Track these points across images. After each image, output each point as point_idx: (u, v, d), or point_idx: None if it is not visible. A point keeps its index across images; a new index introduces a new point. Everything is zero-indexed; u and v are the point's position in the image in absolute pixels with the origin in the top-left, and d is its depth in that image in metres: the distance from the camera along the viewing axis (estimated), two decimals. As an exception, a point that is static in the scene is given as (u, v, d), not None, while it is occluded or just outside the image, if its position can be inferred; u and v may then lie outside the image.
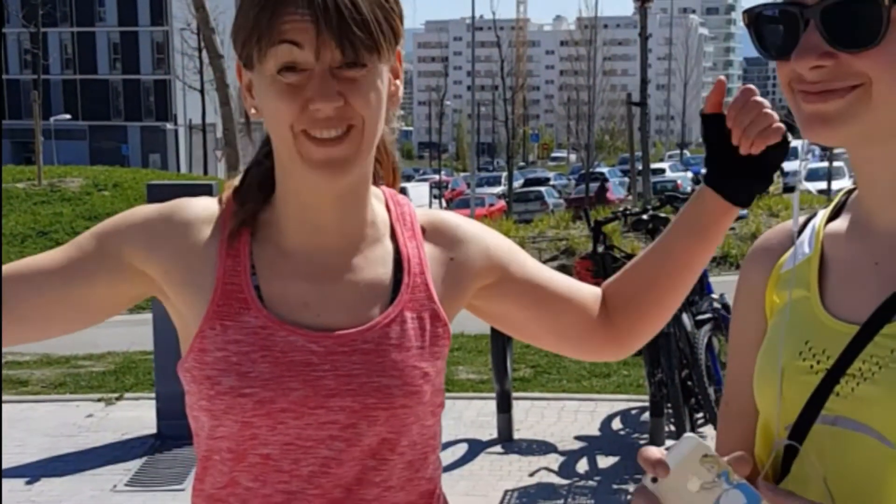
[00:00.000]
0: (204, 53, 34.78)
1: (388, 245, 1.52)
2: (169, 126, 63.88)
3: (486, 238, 1.59)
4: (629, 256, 5.97)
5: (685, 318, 5.75)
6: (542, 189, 39.22)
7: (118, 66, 66.11)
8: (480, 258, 1.57)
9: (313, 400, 1.40)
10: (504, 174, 46.69)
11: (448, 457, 6.15)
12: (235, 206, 1.49)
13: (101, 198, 19.38)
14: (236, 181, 1.53)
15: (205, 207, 1.51)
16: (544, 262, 13.97)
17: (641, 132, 19.72)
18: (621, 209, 7.14)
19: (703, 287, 6.12)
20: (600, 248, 6.07)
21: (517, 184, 44.29)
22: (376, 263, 1.49)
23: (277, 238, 1.49)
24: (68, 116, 55.53)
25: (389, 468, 1.44)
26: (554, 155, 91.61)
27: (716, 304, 6.07)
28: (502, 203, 37.57)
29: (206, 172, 45.86)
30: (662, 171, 42.38)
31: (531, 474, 5.82)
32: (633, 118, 20.36)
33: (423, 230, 1.55)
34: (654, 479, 1.11)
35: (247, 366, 1.39)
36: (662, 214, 6.20)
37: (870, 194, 1.23)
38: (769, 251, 1.35)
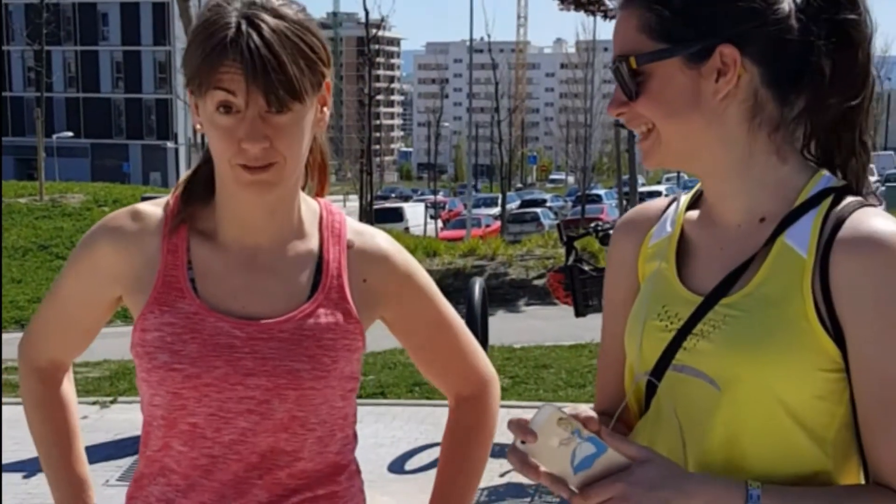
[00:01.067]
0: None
1: (314, 248, 1.74)
2: (170, 144, 64.28)
3: (403, 276, 1.80)
4: (597, 269, 6.25)
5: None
6: (538, 210, 39.29)
7: (121, 84, 66.59)
8: (388, 292, 1.79)
9: (234, 377, 1.64)
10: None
11: (426, 458, 6.49)
12: (179, 207, 1.74)
13: (100, 213, 19.67)
14: (184, 179, 1.78)
15: (141, 215, 1.75)
16: (531, 279, 14.35)
17: (629, 154, 20.05)
18: (592, 225, 7.38)
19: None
20: (570, 261, 6.35)
21: (514, 205, 44.49)
22: (300, 263, 1.73)
23: (213, 235, 1.73)
24: (71, 134, 55.97)
25: (300, 440, 1.68)
26: (552, 177, 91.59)
27: None
28: (499, 224, 37.79)
29: (206, 191, 45.80)
30: (659, 193, 42.50)
31: (501, 475, 6.09)
32: (622, 140, 20.68)
33: (350, 244, 1.77)
34: (523, 442, 1.38)
35: (178, 345, 1.64)
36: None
37: (709, 195, 1.58)
38: (637, 225, 1.66)
